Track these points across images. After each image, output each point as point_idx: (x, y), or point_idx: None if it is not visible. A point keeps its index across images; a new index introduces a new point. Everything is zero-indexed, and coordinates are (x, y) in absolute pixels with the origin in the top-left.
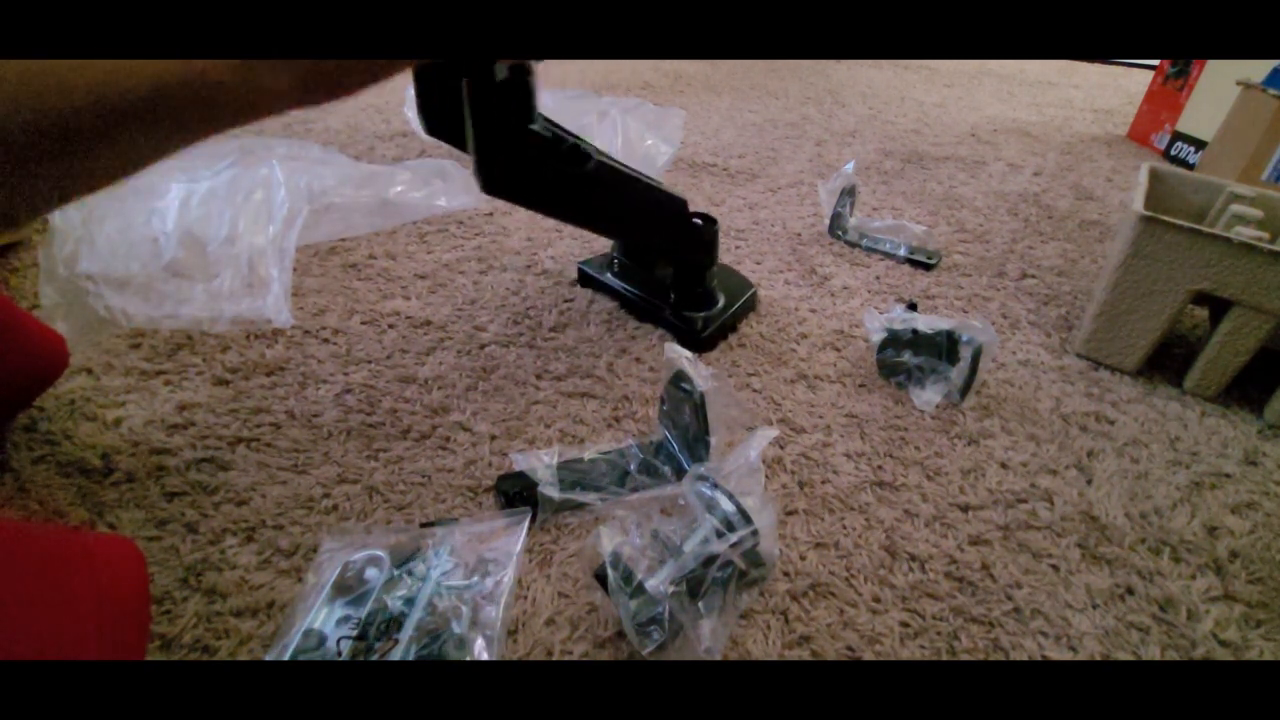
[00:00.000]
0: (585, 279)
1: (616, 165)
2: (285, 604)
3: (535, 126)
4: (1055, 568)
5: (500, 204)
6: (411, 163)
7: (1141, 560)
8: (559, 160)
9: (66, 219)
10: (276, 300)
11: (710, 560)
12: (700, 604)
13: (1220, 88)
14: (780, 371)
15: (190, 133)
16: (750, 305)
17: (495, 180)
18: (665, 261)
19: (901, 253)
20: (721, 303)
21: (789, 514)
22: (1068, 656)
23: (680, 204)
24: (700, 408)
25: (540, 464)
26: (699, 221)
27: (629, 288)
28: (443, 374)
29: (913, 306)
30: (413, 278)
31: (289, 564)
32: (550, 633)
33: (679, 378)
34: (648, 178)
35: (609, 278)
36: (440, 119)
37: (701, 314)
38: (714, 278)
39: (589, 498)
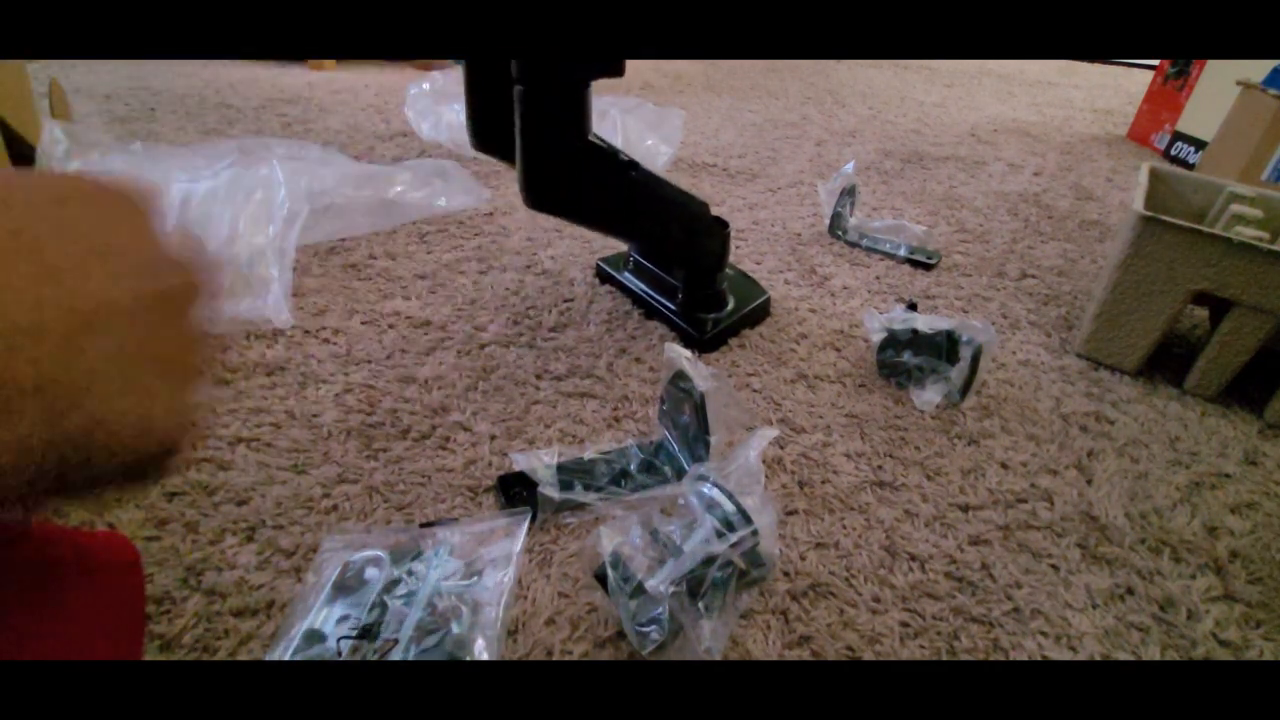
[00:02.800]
0: (603, 276)
1: (650, 170)
2: (285, 604)
3: (591, 137)
4: (1055, 568)
5: (500, 204)
6: (411, 163)
7: (1141, 560)
8: (612, 169)
9: None
10: (276, 300)
11: (710, 560)
12: (700, 604)
13: (1220, 88)
14: (780, 371)
15: None
16: (762, 312)
17: (546, 195)
18: (679, 263)
19: (901, 253)
20: (731, 306)
21: (789, 514)
22: (1068, 656)
23: (704, 206)
24: (700, 408)
25: (540, 464)
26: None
27: (643, 287)
28: (443, 374)
29: (913, 306)
30: (413, 278)
31: (289, 564)
32: (550, 633)
33: (679, 377)
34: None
35: (626, 276)
36: (492, 131)
37: (711, 315)
38: (724, 280)
39: (589, 498)
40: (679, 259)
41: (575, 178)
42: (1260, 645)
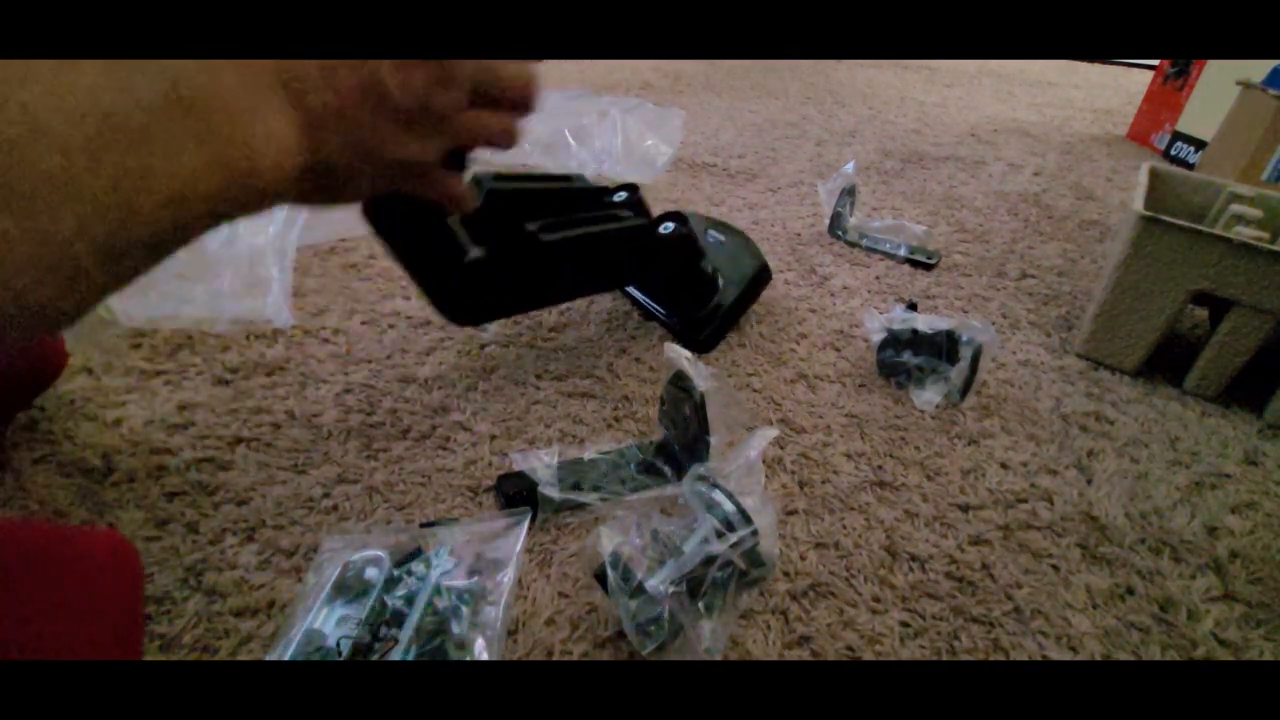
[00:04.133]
0: None
1: (567, 218)
2: (285, 604)
3: (474, 253)
4: (1055, 568)
5: None
6: None
7: (1141, 560)
8: (517, 252)
9: None
10: (276, 300)
11: (710, 560)
12: (700, 604)
13: (1220, 88)
14: (780, 371)
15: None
16: (760, 283)
17: (462, 317)
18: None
19: (901, 253)
20: (723, 294)
21: (789, 514)
22: (1068, 656)
23: (640, 223)
24: (700, 408)
25: (540, 464)
26: (667, 230)
27: (634, 293)
28: (443, 374)
29: (913, 306)
30: None
31: (289, 564)
32: (550, 633)
33: (679, 378)
34: (606, 208)
35: None
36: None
37: (704, 312)
38: (709, 265)
39: (589, 498)
40: (646, 278)
41: (478, 292)
42: (1260, 645)
